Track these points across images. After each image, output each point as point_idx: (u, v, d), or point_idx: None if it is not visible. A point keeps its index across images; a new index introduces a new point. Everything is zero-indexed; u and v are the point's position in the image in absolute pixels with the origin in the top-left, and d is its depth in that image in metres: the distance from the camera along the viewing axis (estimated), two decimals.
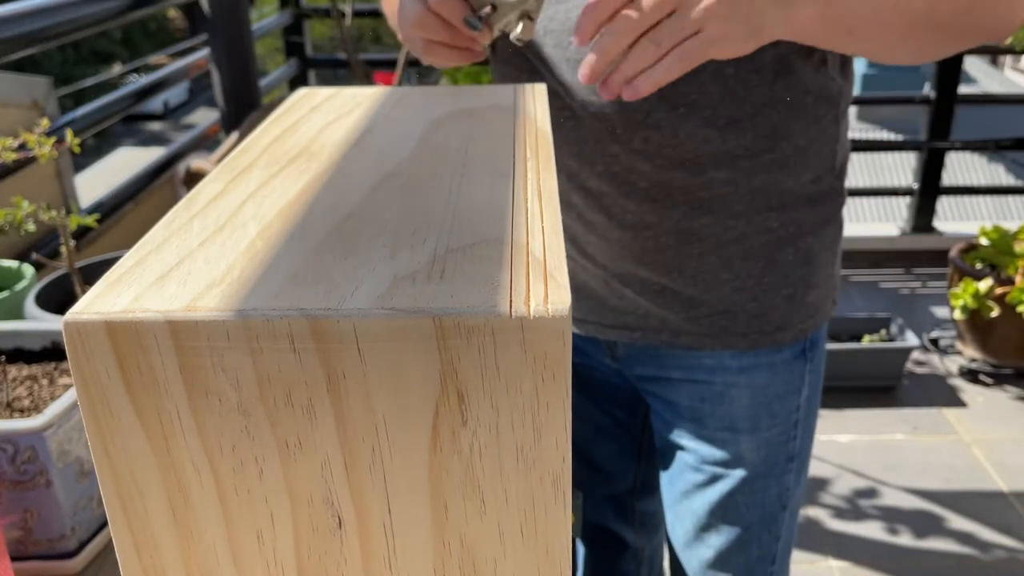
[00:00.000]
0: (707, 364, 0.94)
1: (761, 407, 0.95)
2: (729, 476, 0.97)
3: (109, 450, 0.36)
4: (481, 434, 0.35)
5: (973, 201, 4.19)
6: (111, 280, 0.37)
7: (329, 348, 0.34)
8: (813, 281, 0.93)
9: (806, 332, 0.95)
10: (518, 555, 0.37)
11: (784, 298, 0.92)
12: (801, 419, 0.98)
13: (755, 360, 0.93)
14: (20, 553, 0.68)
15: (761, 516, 0.99)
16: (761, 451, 0.96)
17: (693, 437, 0.98)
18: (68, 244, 0.95)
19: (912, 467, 2.27)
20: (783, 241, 0.90)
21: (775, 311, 0.92)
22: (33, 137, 0.92)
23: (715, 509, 0.98)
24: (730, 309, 0.91)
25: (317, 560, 0.38)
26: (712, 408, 0.95)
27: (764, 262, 0.90)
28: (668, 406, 1.00)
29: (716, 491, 0.98)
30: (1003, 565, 1.96)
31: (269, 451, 0.36)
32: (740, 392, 0.94)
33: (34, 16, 1.37)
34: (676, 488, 1.02)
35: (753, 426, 0.95)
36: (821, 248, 0.92)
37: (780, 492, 0.99)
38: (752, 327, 0.92)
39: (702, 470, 0.98)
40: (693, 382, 0.96)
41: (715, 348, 0.93)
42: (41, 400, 0.72)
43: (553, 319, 0.34)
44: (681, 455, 1.00)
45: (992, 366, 2.63)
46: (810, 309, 0.94)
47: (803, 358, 0.96)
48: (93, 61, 9.79)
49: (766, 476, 0.97)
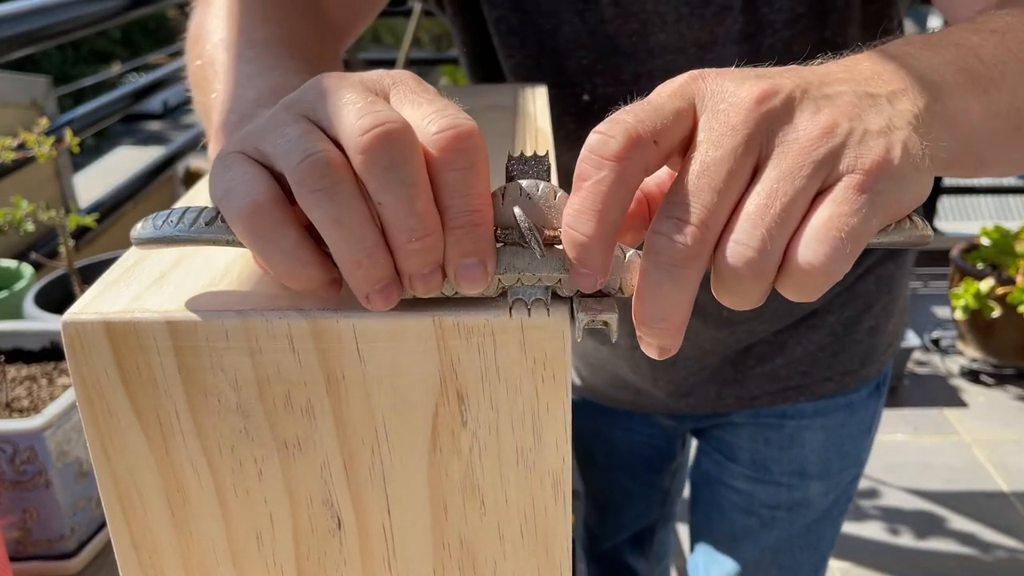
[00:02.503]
0: (779, 409, 0.87)
1: (834, 450, 0.87)
2: (790, 521, 0.89)
3: (108, 450, 0.36)
4: (481, 435, 0.35)
5: (974, 201, 4.19)
6: (110, 280, 0.37)
7: (328, 348, 0.34)
8: (893, 308, 0.86)
9: (885, 364, 0.88)
10: (518, 556, 0.37)
11: (867, 331, 0.84)
12: (866, 457, 0.92)
13: (833, 401, 0.86)
14: (19, 553, 0.68)
15: (814, 560, 0.93)
16: (830, 496, 0.89)
17: (751, 481, 0.90)
18: (67, 244, 0.94)
19: (913, 467, 2.27)
20: (865, 273, 0.82)
21: (858, 346, 0.84)
22: (32, 137, 0.92)
23: (768, 554, 0.91)
24: (812, 353, 0.83)
25: (316, 561, 0.38)
26: (779, 452, 0.88)
27: (845, 296, 0.82)
28: (721, 446, 0.92)
29: (773, 536, 0.90)
30: (1004, 565, 1.95)
31: (268, 452, 0.36)
32: (814, 435, 0.87)
33: (34, 16, 1.37)
34: (719, 530, 0.94)
35: (824, 471, 0.88)
36: (900, 272, 0.85)
37: (834, 534, 0.94)
38: (835, 368, 0.84)
39: (758, 514, 0.90)
40: (758, 425, 0.88)
41: (797, 401, 0.85)
42: (40, 400, 0.72)
43: (553, 320, 0.33)
44: (729, 496, 0.92)
45: (993, 366, 2.62)
46: (889, 338, 0.87)
47: (877, 393, 0.89)
48: (92, 61, 9.80)
49: (827, 519, 0.91)
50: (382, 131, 0.30)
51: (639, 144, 0.31)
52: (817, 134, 0.31)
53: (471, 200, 0.31)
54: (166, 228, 0.35)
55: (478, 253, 0.32)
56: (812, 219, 0.30)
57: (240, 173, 0.32)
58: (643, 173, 0.32)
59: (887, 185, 0.31)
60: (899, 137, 0.32)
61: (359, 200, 0.31)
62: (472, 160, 0.31)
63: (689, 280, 0.31)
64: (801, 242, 0.30)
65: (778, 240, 0.30)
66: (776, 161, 0.31)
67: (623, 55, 0.71)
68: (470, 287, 0.32)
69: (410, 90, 0.34)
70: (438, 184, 0.31)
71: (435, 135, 0.31)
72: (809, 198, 0.31)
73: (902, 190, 0.32)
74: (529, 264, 0.33)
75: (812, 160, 0.31)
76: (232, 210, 0.32)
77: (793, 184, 0.31)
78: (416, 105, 0.33)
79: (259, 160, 0.33)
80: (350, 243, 0.31)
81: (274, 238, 0.31)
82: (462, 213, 0.31)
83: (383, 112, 0.31)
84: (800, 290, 0.31)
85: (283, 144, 0.32)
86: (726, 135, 0.32)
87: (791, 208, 0.31)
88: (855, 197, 0.30)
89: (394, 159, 0.30)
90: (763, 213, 0.31)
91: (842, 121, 0.32)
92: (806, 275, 0.30)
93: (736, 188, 0.31)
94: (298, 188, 0.31)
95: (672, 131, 0.33)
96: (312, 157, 0.31)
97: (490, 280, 0.33)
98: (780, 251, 0.31)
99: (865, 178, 0.31)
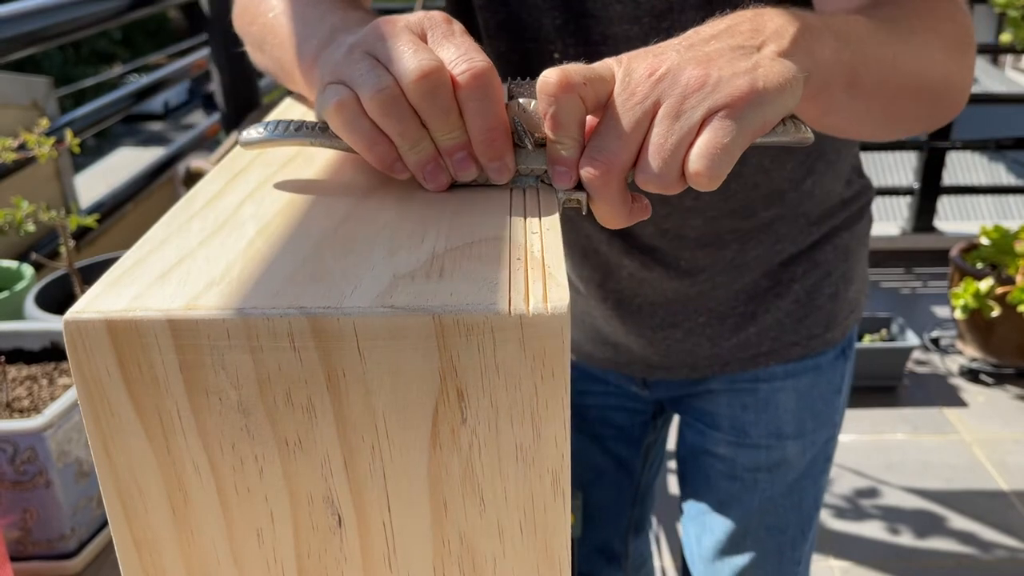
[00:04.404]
0: (752, 374, 0.93)
1: (806, 410, 0.93)
2: (771, 481, 0.95)
3: (109, 449, 0.36)
4: (480, 432, 0.35)
5: (974, 200, 4.20)
6: (111, 279, 0.37)
7: (329, 346, 0.34)
8: (851, 276, 0.92)
9: (848, 328, 0.94)
10: (517, 553, 0.37)
11: (828, 297, 0.91)
12: (839, 419, 0.97)
13: (802, 364, 0.92)
14: (20, 553, 0.68)
15: (799, 519, 0.97)
16: (807, 454, 0.95)
17: (732, 445, 0.95)
18: (68, 244, 0.95)
19: (913, 467, 2.27)
20: (823, 241, 0.89)
21: (821, 311, 0.91)
22: (33, 137, 0.92)
23: (754, 516, 0.96)
24: (779, 320, 0.90)
25: (317, 558, 0.38)
26: (755, 416, 0.93)
27: (806, 265, 0.89)
28: (703, 416, 0.97)
29: (756, 497, 0.95)
30: (1004, 565, 1.95)
31: (269, 450, 0.36)
32: (787, 396, 0.92)
33: (34, 16, 1.37)
34: (706, 499, 0.99)
35: (799, 430, 0.93)
36: (857, 243, 0.92)
37: (816, 493, 0.98)
38: (801, 333, 0.90)
39: (741, 478, 0.95)
40: (734, 391, 0.94)
41: (768, 365, 0.92)
42: (41, 400, 0.72)
43: (552, 317, 0.34)
44: (714, 464, 0.97)
45: (993, 366, 2.63)
46: (851, 304, 0.93)
47: (843, 356, 0.95)
48: (93, 61, 9.79)
49: (807, 478, 0.96)
50: (425, 75, 0.45)
51: (570, 82, 0.45)
52: (694, 84, 0.44)
53: (488, 119, 0.46)
54: (268, 131, 0.49)
55: (499, 157, 0.47)
56: (696, 142, 0.44)
57: (333, 89, 0.47)
58: (580, 101, 0.45)
59: (750, 109, 0.44)
60: (761, 73, 0.45)
61: (413, 118, 0.46)
62: (486, 91, 0.46)
63: (612, 193, 0.46)
64: (690, 159, 0.44)
65: (672, 162, 0.44)
66: (665, 109, 0.45)
67: (591, 17, 0.76)
68: (499, 178, 0.47)
69: (442, 34, 0.48)
70: (463, 108, 0.46)
71: (459, 74, 0.45)
72: (692, 131, 0.44)
73: (766, 109, 0.44)
74: (524, 159, 0.48)
75: (691, 104, 0.44)
76: (328, 110, 0.47)
77: (679, 123, 0.44)
78: (446, 48, 0.47)
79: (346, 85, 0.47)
80: (408, 140, 0.46)
81: (355, 123, 0.46)
82: (483, 130, 0.46)
83: (425, 59, 0.45)
84: (699, 187, 0.44)
85: (358, 77, 0.46)
86: (628, 98, 0.46)
87: (679, 140, 0.44)
88: (724, 123, 0.43)
89: (434, 94, 0.45)
90: (659, 147, 0.45)
91: (712, 71, 0.45)
92: (697, 178, 0.44)
93: (637, 132, 0.45)
94: (372, 111, 0.46)
95: (596, 83, 0.46)
96: (381, 91, 0.45)
97: (513, 172, 0.47)
98: (676, 169, 0.44)
99: (731, 108, 0.43)
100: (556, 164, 0.47)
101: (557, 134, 0.46)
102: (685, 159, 0.44)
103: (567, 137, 0.46)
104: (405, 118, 0.46)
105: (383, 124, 0.46)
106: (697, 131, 0.44)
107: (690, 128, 0.44)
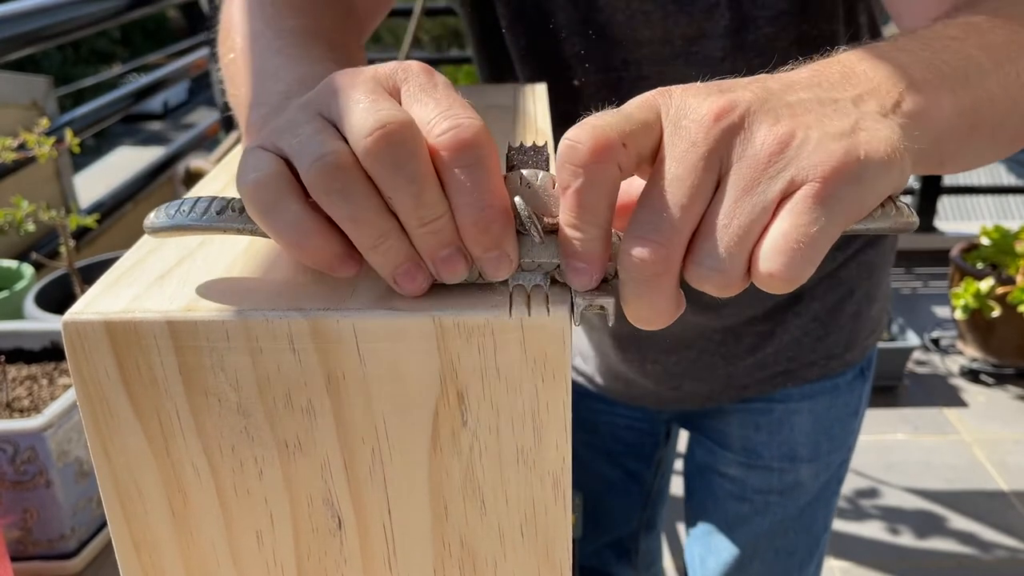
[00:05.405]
0: (766, 395, 0.90)
1: (822, 432, 0.90)
2: (783, 504, 0.91)
3: (108, 450, 0.36)
4: (481, 435, 0.35)
5: (974, 201, 4.19)
6: (110, 280, 0.37)
7: (329, 348, 0.34)
8: (875, 294, 0.88)
9: (868, 348, 0.90)
10: (518, 556, 0.37)
11: (850, 316, 0.87)
12: (853, 442, 0.94)
13: (819, 385, 0.89)
14: (20, 553, 0.68)
15: (808, 542, 0.94)
16: (820, 477, 0.92)
17: (743, 467, 0.92)
18: (67, 244, 0.94)
19: (913, 467, 2.27)
20: (847, 259, 0.85)
21: (842, 331, 0.86)
22: (32, 137, 0.92)
23: (763, 538, 0.93)
24: (797, 339, 0.86)
25: (317, 560, 0.38)
26: (768, 437, 0.90)
27: (828, 282, 0.85)
28: (712, 434, 0.94)
29: (767, 520, 0.92)
30: (1004, 565, 1.95)
31: (269, 451, 0.36)
32: (802, 418, 0.89)
33: (34, 16, 1.37)
34: (713, 519, 0.96)
35: (814, 453, 0.90)
36: (882, 260, 0.88)
37: (827, 516, 0.95)
38: (820, 353, 0.87)
39: (751, 500, 0.92)
40: (747, 411, 0.91)
41: (785, 386, 0.88)
42: (41, 400, 0.72)
43: (553, 319, 0.33)
44: (722, 484, 0.94)
45: (993, 366, 2.62)
46: (872, 324, 0.90)
47: (862, 377, 0.91)
48: (93, 61, 9.80)
49: (819, 501, 0.93)
50: (385, 132, 0.32)
51: (607, 147, 0.32)
52: (774, 148, 0.32)
53: (481, 196, 0.32)
54: (179, 217, 0.36)
55: (497, 246, 0.33)
56: (772, 230, 0.31)
57: (254, 160, 0.34)
58: (618, 171, 0.33)
59: (847, 189, 0.32)
60: (862, 138, 0.33)
61: (370, 196, 0.32)
62: (476, 157, 0.32)
63: (663, 287, 0.32)
64: (762, 253, 0.31)
65: (737, 256, 0.32)
66: (735, 177, 0.32)
67: (613, 43, 0.73)
68: (495, 274, 0.34)
69: (419, 87, 0.35)
70: (446, 182, 0.33)
71: (438, 137, 0.32)
72: (768, 211, 0.32)
73: (865, 189, 0.32)
74: (529, 250, 0.34)
75: (769, 175, 0.32)
76: (242, 189, 0.34)
77: (750, 200, 0.32)
78: (423, 104, 0.34)
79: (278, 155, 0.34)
80: (365, 233, 0.33)
81: (277, 209, 0.33)
82: (474, 208, 0.32)
83: (387, 112, 0.32)
84: (769, 290, 0.32)
85: (297, 144, 0.34)
86: (688, 151, 0.32)
87: (749, 224, 0.32)
88: (812, 207, 0.31)
89: (398, 158, 0.32)
90: (722, 231, 0.32)
91: (799, 130, 0.32)
92: (770, 281, 0.31)
93: (699, 202, 0.32)
94: (313, 189, 0.33)
95: (639, 136, 0.33)
96: (323, 159, 0.32)
97: (516, 265, 0.34)
98: (742, 263, 0.32)
99: (823, 186, 0.31)
100: (573, 259, 0.33)
101: (580, 219, 0.33)
102: (755, 251, 0.32)
103: (592, 225, 0.32)
104: (357, 195, 0.32)
105: (327, 206, 0.33)
106: (773, 212, 0.32)
107: (764, 208, 0.32)
